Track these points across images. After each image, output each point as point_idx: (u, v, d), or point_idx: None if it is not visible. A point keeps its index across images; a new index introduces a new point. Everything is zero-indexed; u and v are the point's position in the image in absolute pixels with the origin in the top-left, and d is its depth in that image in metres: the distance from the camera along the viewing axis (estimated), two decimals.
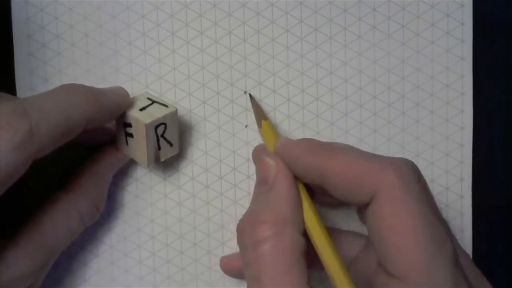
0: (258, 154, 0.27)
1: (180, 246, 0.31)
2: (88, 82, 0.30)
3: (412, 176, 0.23)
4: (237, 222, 0.25)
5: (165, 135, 0.28)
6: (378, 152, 0.31)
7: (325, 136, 0.31)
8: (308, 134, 0.31)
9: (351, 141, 0.31)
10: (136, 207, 0.31)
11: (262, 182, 0.26)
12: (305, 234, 0.24)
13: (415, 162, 0.24)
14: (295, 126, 0.31)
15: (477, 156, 0.31)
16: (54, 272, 0.31)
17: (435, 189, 0.31)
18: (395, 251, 0.22)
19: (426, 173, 0.31)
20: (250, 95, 0.30)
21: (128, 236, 0.31)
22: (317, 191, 0.27)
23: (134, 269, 0.31)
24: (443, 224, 0.23)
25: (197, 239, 0.31)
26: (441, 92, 0.31)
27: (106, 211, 0.31)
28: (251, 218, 0.24)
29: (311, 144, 0.26)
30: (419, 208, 0.22)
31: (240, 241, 0.24)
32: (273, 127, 0.29)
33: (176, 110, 0.28)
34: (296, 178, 0.26)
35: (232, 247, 0.31)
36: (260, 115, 0.29)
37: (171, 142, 0.28)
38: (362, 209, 0.24)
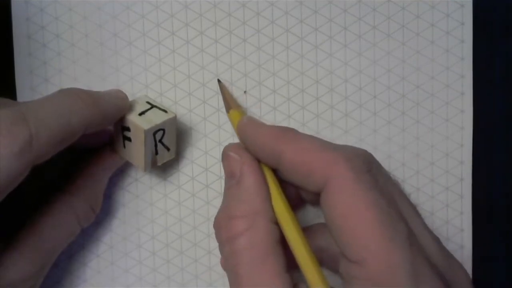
0: (224, 151, 0.27)
1: (180, 246, 0.31)
2: (88, 82, 0.30)
3: (362, 166, 0.24)
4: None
5: (163, 140, 0.27)
6: (378, 152, 0.31)
7: (325, 136, 0.31)
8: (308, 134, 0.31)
9: (351, 141, 0.31)
10: (136, 207, 0.31)
11: (230, 177, 0.26)
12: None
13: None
14: (295, 126, 0.31)
15: (477, 156, 0.31)
16: (54, 272, 0.31)
17: (435, 189, 0.31)
18: (350, 237, 0.22)
19: (426, 173, 0.31)
20: (218, 80, 0.30)
21: (128, 236, 0.31)
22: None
23: (134, 269, 0.31)
24: (395, 208, 0.24)
25: (197, 239, 0.31)
26: (441, 92, 0.31)
27: (106, 211, 0.31)
28: (224, 214, 0.25)
29: (273, 128, 0.26)
30: (369, 196, 0.23)
31: (217, 238, 0.25)
32: (242, 115, 0.29)
33: (175, 116, 0.27)
34: (261, 163, 0.26)
35: None
36: (230, 102, 0.29)
37: (168, 147, 0.28)
38: (315, 196, 0.25)
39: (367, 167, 0.24)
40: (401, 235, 0.22)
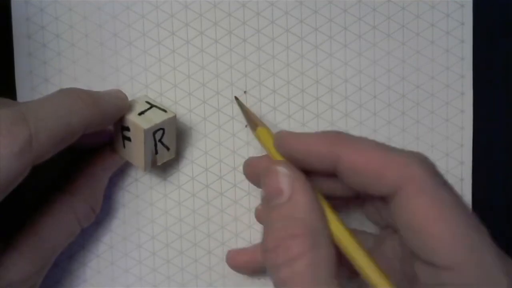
0: (267, 167, 0.25)
1: (180, 246, 0.31)
2: (88, 82, 0.30)
3: (433, 167, 0.23)
4: (257, 242, 0.24)
5: (162, 140, 0.27)
6: None
7: None
8: None
9: None
10: (136, 207, 0.31)
11: (277, 194, 0.24)
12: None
13: None
14: (295, 126, 0.31)
15: (477, 156, 0.31)
16: (54, 272, 0.31)
17: None
18: (438, 242, 0.21)
19: None
20: (236, 98, 0.30)
21: (128, 236, 0.31)
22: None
23: (134, 269, 0.31)
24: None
25: (197, 239, 0.31)
26: (441, 92, 0.31)
27: (106, 211, 0.31)
28: (278, 235, 0.23)
29: (321, 134, 0.25)
30: (450, 197, 0.22)
31: (270, 262, 0.23)
32: (270, 132, 0.27)
33: (175, 115, 0.27)
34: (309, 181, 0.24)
35: (231, 247, 0.31)
36: (253, 119, 0.28)
37: (168, 147, 0.28)
38: (371, 203, 0.24)
39: (436, 168, 0.23)
40: (487, 239, 0.21)
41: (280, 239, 0.22)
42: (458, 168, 0.31)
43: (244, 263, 0.30)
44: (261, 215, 0.29)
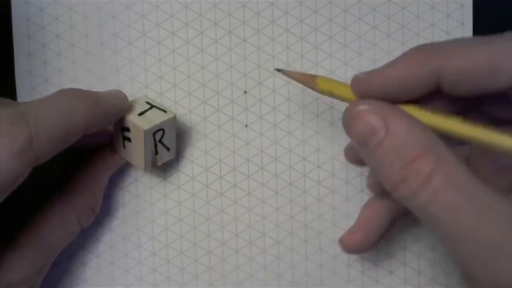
0: (348, 112, 0.23)
1: (180, 246, 0.31)
2: (88, 82, 0.30)
3: None
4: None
5: (162, 140, 0.27)
6: None
7: (325, 136, 0.31)
8: (308, 134, 0.31)
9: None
10: (136, 207, 0.31)
11: (371, 135, 0.22)
12: None
13: None
14: (295, 126, 0.31)
15: None
16: (54, 272, 0.31)
17: None
18: None
19: None
20: (277, 70, 0.27)
21: (128, 236, 0.31)
22: None
23: (134, 269, 0.31)
24: None
25: (197, 239, 0.31)
26: None
27: (106, 211, 0.31)
28: (399, 166, 0.21)
29: (405, 59, 0.23)
30: None
31: (405, 193, 0.21)
32: (330, 78, 0.25)
33: (175, 116, 0.27)
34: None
35: (231, 247, 0.31)
36: (304, 78, 0.26)
37: (168, 147, 0.28)
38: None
39: None
40: None
41: (403, 169, 0.21)
42: None
43: (360, 241, 0.28)
44: (354, 156, 0.28)
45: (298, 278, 0.31)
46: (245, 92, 0.31)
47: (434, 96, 0.23)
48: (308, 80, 0.26)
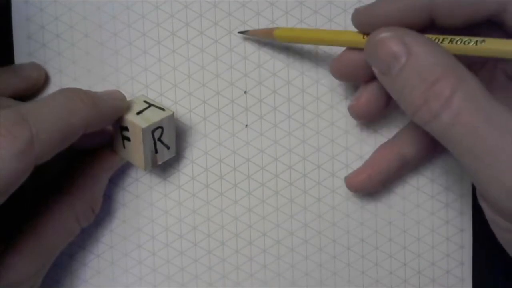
0: (372, 39, 0.24)
1: (180, 246, 0.31)
2: (88, 82, 0.30)
3: None
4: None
5: (162, 138, 0.27)
6: None
7: (325, 136, 0.31)
8: (308, 134, 0.31)
9: (351, 141, 0.31)
10: (136, 207, 0.31)
11: (394, 60, 0.22)
12: None
13: None
14: (295, 127, 0.31)
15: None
16: (54, 272, 0.31)
17: (435, 189, 0.31)
18: None
19: (425, 173, 0.31)
20: (239, 32, 0.30)
21: (128, 236, 0.31)
22: None
23: (134, 269, 0.31)
24: None
25: (197, 239, 0.31)
26: None
27: (106, 211, 0.31)
28: (422, 89, 0.21)
29: None
30: None
31: (427, 115, 0.22)
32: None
33: (173, 113, 0.27)
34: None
35: (231, 247, 0.31)
36: (267, 31, 0.29)
37: (168, 145, 0.28)
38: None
39: None
40: None
41: (425, 91, 0.21)
42: (457, 168, 0.31)
43: (364, 181, 0.30)
44: (341, 71, 0.28)
45: (298, 278, 0.31)
46: (245, 92, 0.31)
47: (427, 31, 0.24)
48: (267, 33, 0.28)
